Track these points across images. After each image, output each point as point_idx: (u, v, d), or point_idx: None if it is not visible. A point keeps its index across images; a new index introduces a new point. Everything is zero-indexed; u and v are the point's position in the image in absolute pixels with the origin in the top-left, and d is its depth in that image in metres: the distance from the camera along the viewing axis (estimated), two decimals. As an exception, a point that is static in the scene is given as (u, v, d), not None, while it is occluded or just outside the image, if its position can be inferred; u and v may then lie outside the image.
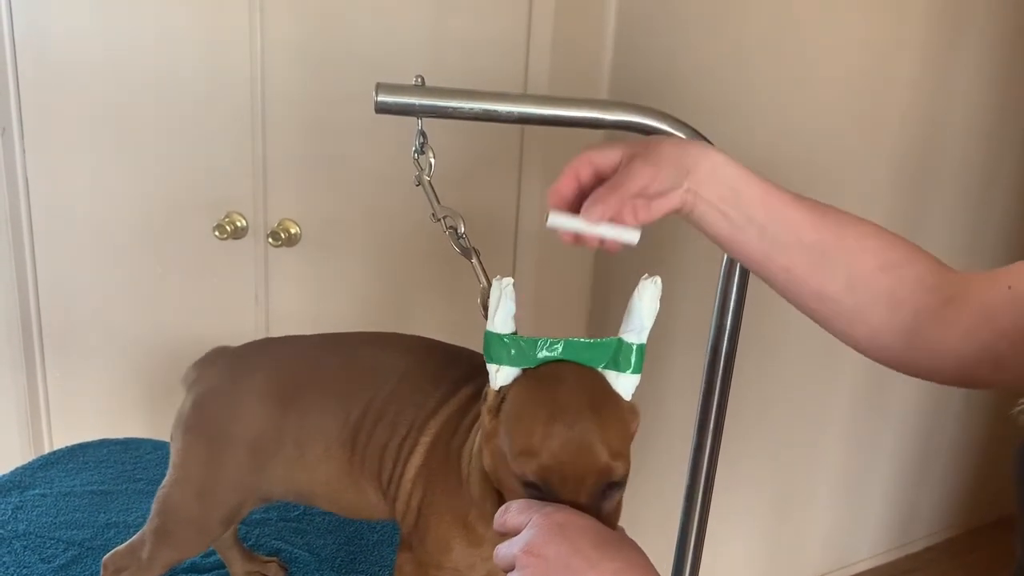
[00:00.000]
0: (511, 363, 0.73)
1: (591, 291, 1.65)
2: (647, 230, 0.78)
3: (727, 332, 0.84)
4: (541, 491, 0.69)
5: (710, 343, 0.84)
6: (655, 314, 0.72)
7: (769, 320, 2.03)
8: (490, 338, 0.73)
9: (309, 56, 1.66)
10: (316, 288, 1.80)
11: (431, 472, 0.86)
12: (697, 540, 0.93)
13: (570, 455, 0.68)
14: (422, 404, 0.88)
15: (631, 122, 0.80)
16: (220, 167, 1.76)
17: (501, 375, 0.73)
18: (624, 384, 0.73)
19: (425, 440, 0.87)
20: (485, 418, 0.75)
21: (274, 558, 1.17)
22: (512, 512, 0.67)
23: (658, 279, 0.72)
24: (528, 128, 1.55)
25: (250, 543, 1.20)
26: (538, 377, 0.73)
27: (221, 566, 1.15)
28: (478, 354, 0.93)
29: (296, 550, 1.21)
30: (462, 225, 0.80)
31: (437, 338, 0.98)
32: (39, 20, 1.77)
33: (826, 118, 1.89)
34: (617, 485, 0.70)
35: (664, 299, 0.73)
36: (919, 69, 2.01)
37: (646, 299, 0.72)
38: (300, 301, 1.81)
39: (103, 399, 1.96)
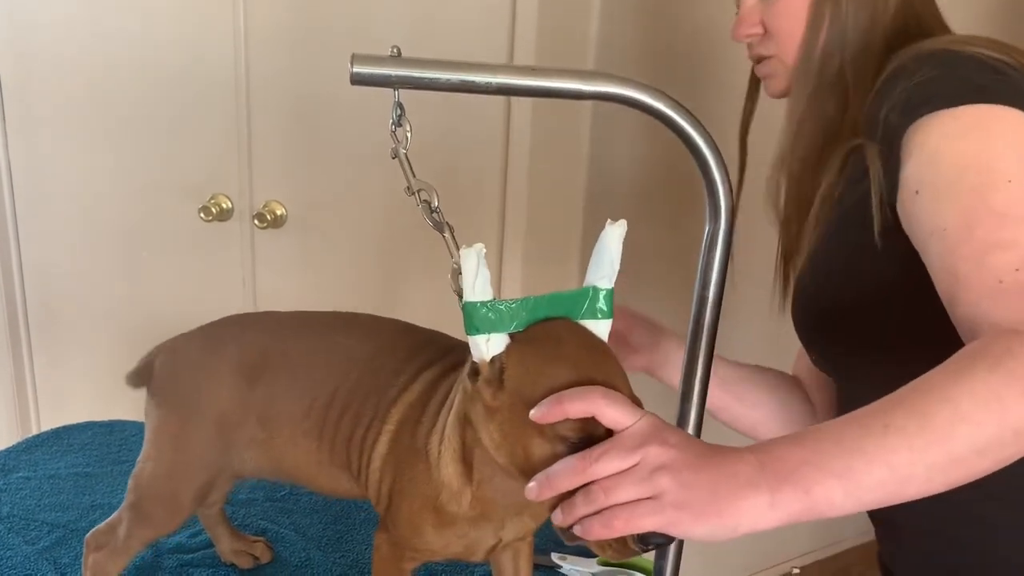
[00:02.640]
0: (501, 329, 0.71)
1: (580, 257, 1.65)
2: (632, 208, 0.78)
3: (709, 303, 0.83)
4: (580, 446, 0.66)
5: (692, 315, 0.84)
6: (620, 257, 0.73)
7: (752, 293, 2.03)
8: (472, 309, 0.70)
9: (292, 37, 1.64)
10: (303, 269, 1.79)
11: (398, 460, 0.86)
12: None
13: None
14: (384, 393, 0.87)
15: (612, 93, 0.79)
16: (205, 149, 1.75)
17: (492, 344, 0.71)
18: (602, 330, 0.74)
19: (389, 428, 0.86)
20: (485, 393, 0.72)
21: (261, 538, 1.17)
22: (603, 459, 0.63)
23: (623, 221, 0.73)
24: (515, 98, 1.55)
25: (236, 523, 1.20)
26: (535, 339, 0.71)
27: (209, 545, 1.14)
28: (446, 337, 0.92)
29: (283, 530, 1.21)
30: (436, 199, 0.78)
31: (423, 317, 0.97)
32: (20, 4, 1.75)
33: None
34: None
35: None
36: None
37: (613, 244, 0.73)
38: (287, 282, 1.80)
39: (90, 383, 1.95)
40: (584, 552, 1.21)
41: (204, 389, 0.93)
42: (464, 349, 0.89)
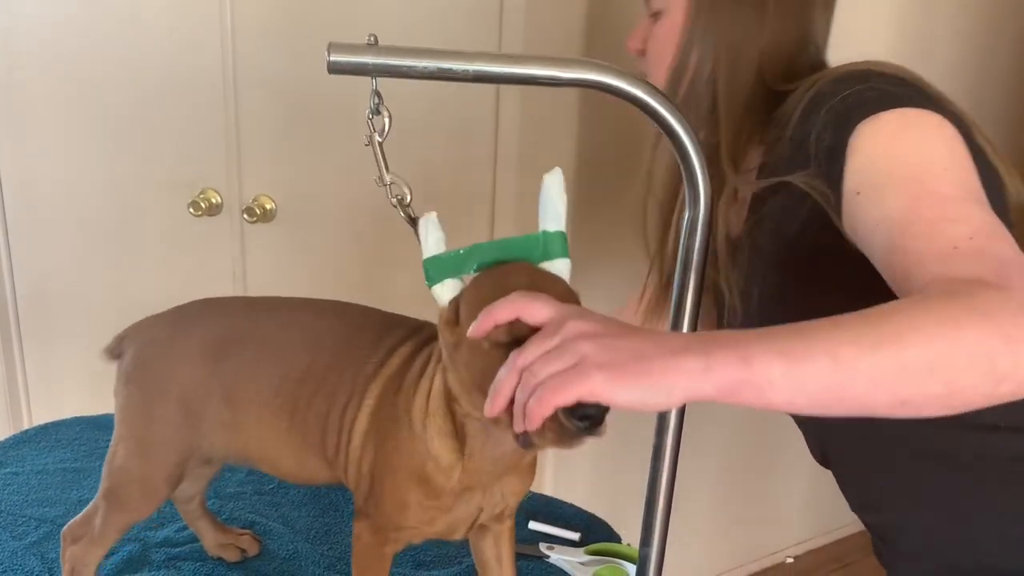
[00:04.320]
0: (453, 274, 0.76)
1: (570, 238, 1.65)
2: (620, 196, 0.78)
3: (690, 289, 0.83)
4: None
5: (674, 301, 0.84)
6: (566, 201, 0.77)
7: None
8: (428, 263, 0.76)
9: (280, 31, 1.64)
10: (293, 263, 1.79)
11: (380, 433, 0.86)
12: (666, 502, 0.92)
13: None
14: (360, 370, 0.88)
15: (590, 80, 0.78)
16: (194, 144, 1.74)
17: (446, 289, 0.76)
18: (560, 269, 0.77)
19: (368, 404, 0.87)
20: (444, 334, 0.76)
21: (247, 530, 1.17)
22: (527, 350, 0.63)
23: (558, 169, 0.77)
24: (503, 89, 1.55)
25: (224, 516, 1.20)
26: (485, 277, 0.76)
27: (195, 539, 1.14)
28: (415, 320, 0.93)
29: (270, 522, 1.20)
30: (408, 194, 0.80)
31: (413, 309, 0.97)
32: (8, 1, 1.74)
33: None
34: None
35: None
36: (896, 41, 2.00)
37: (554, 190, 0.77)
38: (277, 276, 1.80)
39: (82, 378, 1.95)
40: (570, 543, 1.21)
41: (168, 367, 0.93)
42: (430, 327, 0.91)
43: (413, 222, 0.80)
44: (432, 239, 0.76)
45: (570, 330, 0.61)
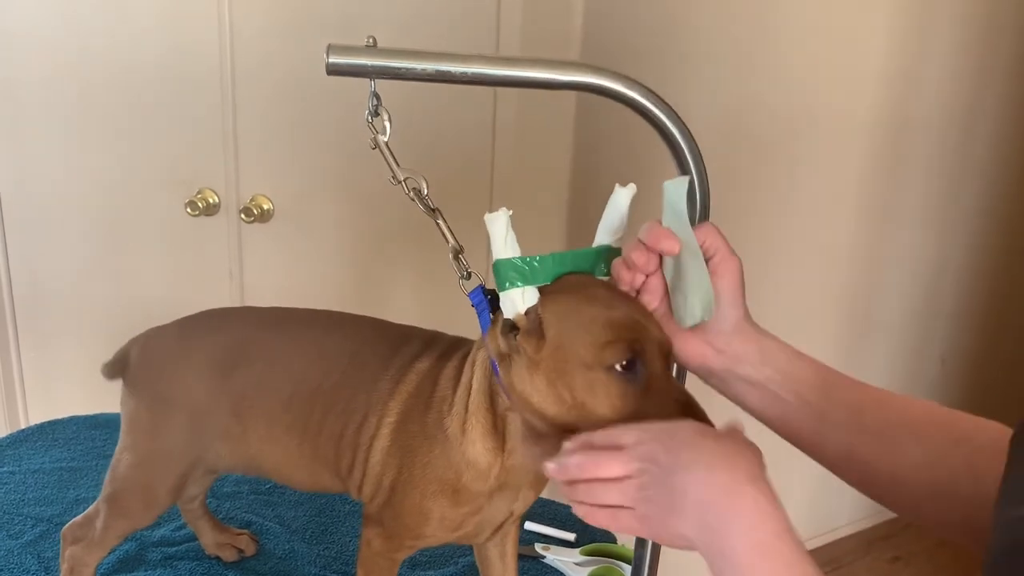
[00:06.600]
0: (534, 282, 0.75)
1: (566, 242, 1.66)
2: (608, 192, 0.79)
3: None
4: (634, 373, 0.71)
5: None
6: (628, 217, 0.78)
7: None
8: (505, 265, 0.74)
9: (278, 31, 1.64)
10: (290, 263, 1.79)
11: (404, 449, 0.85)
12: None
13: (649, 326, 0.73)
14: (373, 388, 0.87)
15: (586, 82, 0.79)
16: (191, 143, 1.75)
17: (527, 296, 0.74)
18: None
19: (389, 421, 0.86)
20: (527, 345, 0.73)
21: (245, 531, 1.17)
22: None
23: (632, 185, 0.78)
24: (501, 93, 1.55)
25: (220, 516, 1.20)
26: (563, 289, 0.75)
27: (193, 538, 1.15)
28: (427, 331, 0.92)
29: (267, 522, 1.21)
30: (425, 186, 0.80)
31: (411, 309, 0.97)
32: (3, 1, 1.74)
33: (795, 91, 1.88)
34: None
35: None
36: (893, 38, 2.01)
37: (623, 203, 0.78)
38: (274, 277, 1.80)
39: (79, 378, 1.95)
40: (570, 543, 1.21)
41: (177, 379, 0.92)
42: (443, 339, 0.91)
43: (433, 212, 0.80)
44: (509, 239, 0.75)
45: (627, 466, 0.66)
